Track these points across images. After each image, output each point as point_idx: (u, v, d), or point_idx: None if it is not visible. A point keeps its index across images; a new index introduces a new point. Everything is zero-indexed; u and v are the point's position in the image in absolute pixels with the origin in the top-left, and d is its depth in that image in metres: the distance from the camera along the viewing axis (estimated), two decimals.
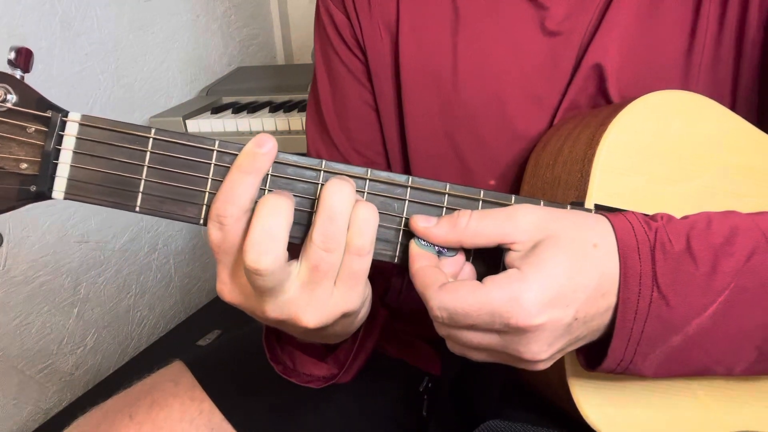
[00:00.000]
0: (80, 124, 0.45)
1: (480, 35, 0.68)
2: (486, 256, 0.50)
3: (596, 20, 0.64)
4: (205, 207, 0.47)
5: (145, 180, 0.46)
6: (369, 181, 0.49)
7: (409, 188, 0.50)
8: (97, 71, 1.54)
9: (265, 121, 1.52)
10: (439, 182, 0.50)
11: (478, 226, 0.48)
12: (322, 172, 0.48)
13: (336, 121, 0.78)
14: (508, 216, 0.48)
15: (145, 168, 0.46)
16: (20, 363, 1.42)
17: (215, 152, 0.46)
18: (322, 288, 0.46)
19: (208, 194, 0.46)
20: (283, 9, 2.11)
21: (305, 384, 0.67)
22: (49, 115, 0.44)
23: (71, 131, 0.45)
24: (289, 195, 0.46)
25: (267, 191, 0.45)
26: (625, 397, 0.54)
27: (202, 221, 0.47)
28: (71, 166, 0.45)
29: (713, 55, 0.63)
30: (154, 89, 1.70)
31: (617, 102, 0.63)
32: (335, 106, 0.78)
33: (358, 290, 0.48)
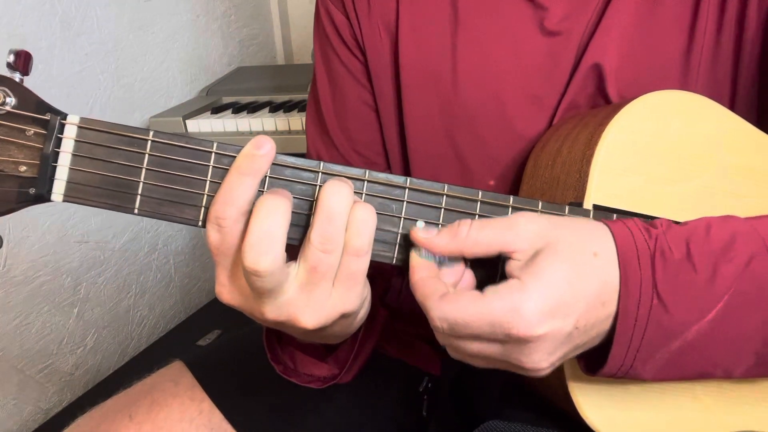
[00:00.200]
0: (79, 126, 0.45)
1: (479, 35, 0.68)
2: (485, 263, 0.50)
3: (595, 20, 0.64)
4: (203, 209, 0.47)
5: (144, 182, 0.46)
6: (367, 182, 0.49)
7: (407, 189, 0.50)
8: (97, 71, 1.54)
9: (265, 121, 1.52)
10: (437, 183, 0.50)
11: (479, 236, 0.48)
12: (320, 173, 0.48)
13: (336, 121, 0.78)
14: (508, 225, 0.48)
15: (144, 170, 0.46)
16: (20, 363, 1.42)
17: (213, 154, 0.46)
18: (320, 289, 0.46)
19: (206, 196, 0.46)
20: (283, 9, 2.11)
21: (306, 384, 0.67)
22: (48, 118, 0.44)
23: (70, 134, 0.45)
24: (287, 194, 0.46)
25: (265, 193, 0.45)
26: (625, 398, 0.54)
27: (200, 223, 0.47)
28: (70, 168, 0.45)
29: (712, 54, 0.63)
30: (154, 89, 1.70)
31: (616, 102, 0.63)
32: (335, 107, 0.78)
33: (357, 291, 0.48)
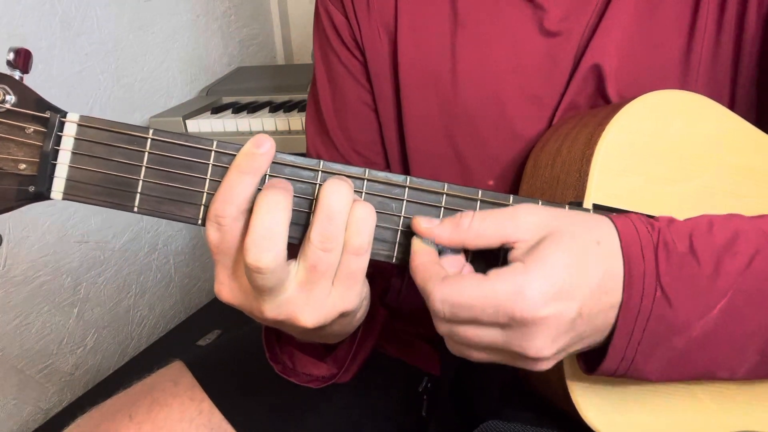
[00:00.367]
0: (78, 124, 0.45)
1: (479, 36, 0.68)
2: (486, 256, 0.50)
3: (595, 21, 0.64)
4: (203, 207, 0.47)
5: (143, 180, 0.46)
6: (367, 181, 0.49)
7: (407, 188, 0.50)
8: (97, 71, 1.54)
9: (265, 121, 1.52)
10: (437, 182, 0.50)
11: (481, 227, 0.47)
12: (320, 172, 0.48)
13: (335, 121, 0.78)
14: (510, 216, 0.48)
15: (143, 168, 0.46)
16: (20, 363, 1.42)
17: (213, 152, 0.46)
18: (320, 287, 0.46)
19: (206, 194, 0.46)
20: (283, 9, 2.11)
21: (305, 384, 0.67)
22: (48, 116, 0.44)
23: (69, 132, 0.45)
24: (287, 186, 0.46)
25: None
26: (625, 398, 0.54)
27: (200, 221, 0.47)
28: (69, 166, 0.45)
29: (712, 54, 0.63)
30: (154, 89, 1.70)
31: (616, 102, 0.63)
32: (335, 107, 0.78)
33: (356, 290, 0.48)
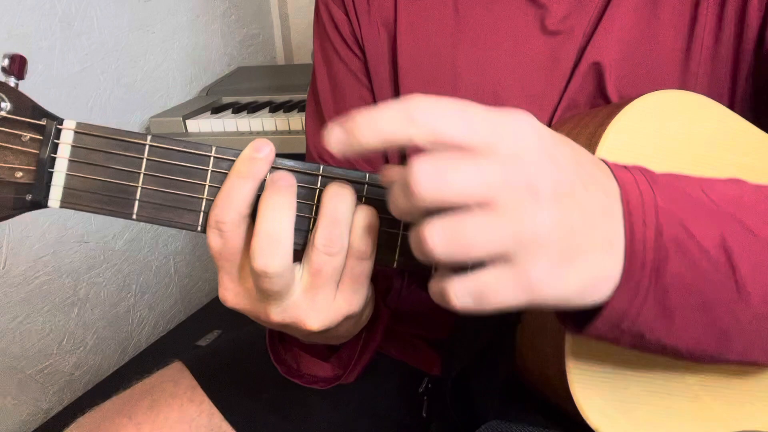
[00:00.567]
0: (75, 131, 0.44)
1: (479, 34, 0.68)
2: None
3: (596, 19, 0.64)
4: (202, 214, 0.46)
5: (142, 187, 0.45)
6: (367, 185, 0.49)
7: None
8: (97, 71, 1.54)
9: (265, 121, 1.52)
10: None
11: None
12: (320, 176, 0.48)
13: (335, 119, 0.77)
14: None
15: (142, 175, 0.45)
16: (20, 363, 1.42)
17: (212, 158, 0.46)
18: (324, 292, 0.46)
19: (205, 201, 0.46)
20: (283, 9, 2.11)
21: (309, 385, 0.67)
22: (44, 123, 0.44)
23: (66, 139, 0.44)
24: (289, 182, 0.44)
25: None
26: (626, 398, 0.54)
27: (200, 228, 0.46)
28: (67, 174, 0.44)
29: (712, 53, 0.62)
30: (154, 89, 1.70)
31: (616, 101, 0.63)
32: (335, 104, 0.78)
33: (361, 293, 0.47)
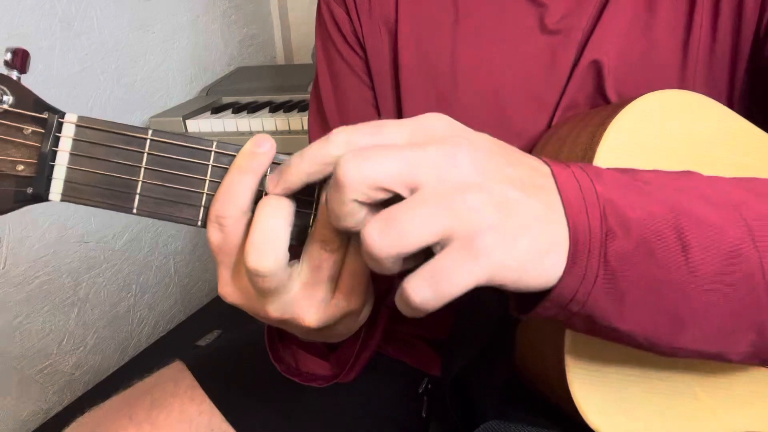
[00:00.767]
0: (77, 125, 0.44)
1: (479, 33, 0.68)
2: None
3: (594, 17, 0.64)
4: (203, 209, 0.46)
5: (143, 182, 0.45)
6: None
7: None
8: (97, 71, 1.54)
9: (265, 121, 1.52)
10: None
11: None
12: None
13: (338, 117, 0.77)
14: None
15: (142, 169, 0.45)
16: (20, 363, 1.42)
17: (213, 153, 0.46)
18: (324, 288, 0.46)
19: (206, 196, 0.46)
20: (283, 9, 2.11)
21: (307, 383, 0.67)
22: (46, 117, 0.44)
23: (68, 132, 0.44)
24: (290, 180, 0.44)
25: (264, 193, 0.45)
26: (625, 399, 0.54)
27: (200, 223, 0.46)
28: (68, 167, 0.44)
29: (709, 51, 0.62)
30: (154, 89, 1.70)
31: (614, 101, 0.63)
32: (336, 103, 0.78)
33: (360, 291, 0.47)
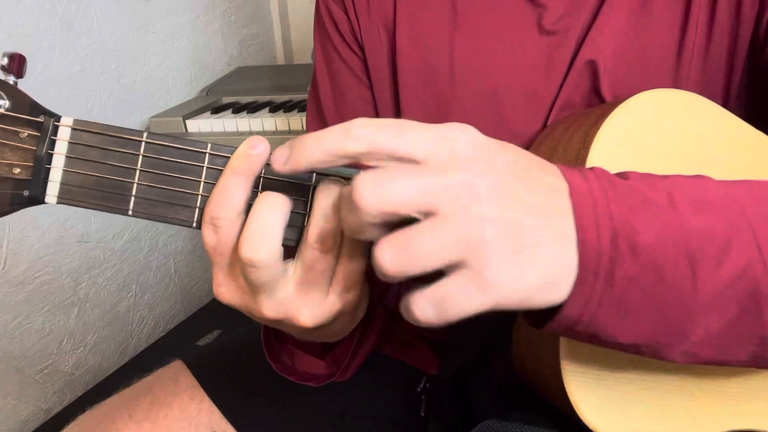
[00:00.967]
0: (72, 128, 0.45)
1: (477, 33, 0.68)
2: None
3: (591, 18, 0.64)
4: (197, 210, 0.47)
5: (138, 184, 0.46)
6: None
7: None
8: (97, 71, 1.54)
9: (265, 121, 1.52)
10: None
11: None
12: (315, 173, 0.48)
13: (336, 117, 0.78)
14: None
15: (138, 172, 0.46)
16: (20, 363, 1.43)
17: (207, 155, 0.46)
18: (318, 288, 0.46)
19: (200, 197, 0.46)
20: (283, 9, 2.12)
21: (303, 382, 0.67)
22: (42, 120, 0.44)
23: (64, 136, 0.45)
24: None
25: (258, 194, 0.45)
26: (623, 398, 0.54)
27: (195, 224, 0.47)
28: (64, 170, 0.45)
29: (704, 51, 0.62)
30: (154, 89, 1.70)
31: (609, 100, 0.63)
32: (335, 102, 0.78)
33: (355, 290, 0.47)
